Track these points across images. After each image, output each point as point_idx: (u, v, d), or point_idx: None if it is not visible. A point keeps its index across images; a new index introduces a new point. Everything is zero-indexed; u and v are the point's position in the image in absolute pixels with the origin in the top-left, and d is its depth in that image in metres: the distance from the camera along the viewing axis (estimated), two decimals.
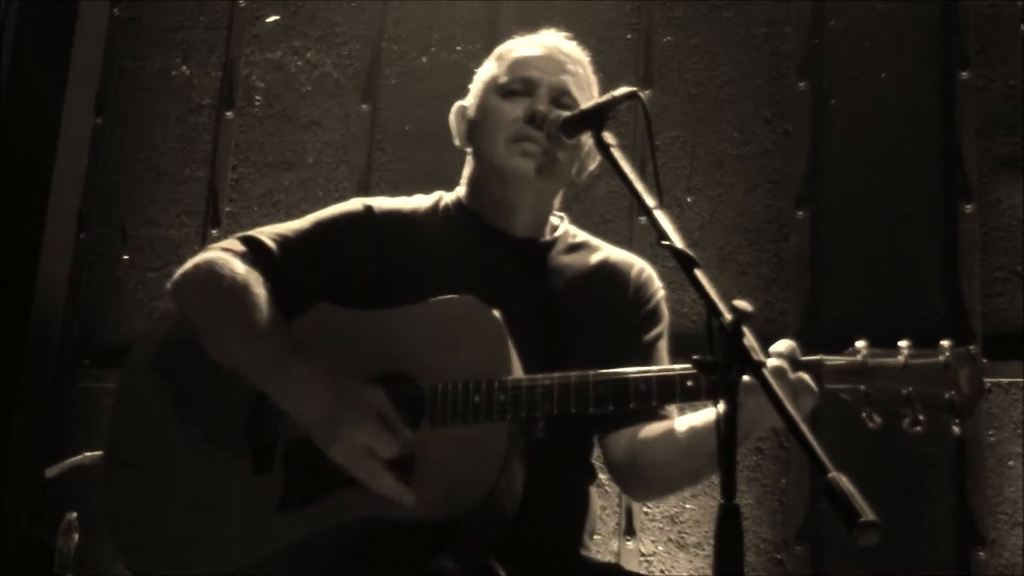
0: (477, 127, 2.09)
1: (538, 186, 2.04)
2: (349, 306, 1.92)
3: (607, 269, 2.11)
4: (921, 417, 1.72)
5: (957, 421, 1.73)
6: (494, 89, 2.08)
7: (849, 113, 3.17)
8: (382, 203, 2.08)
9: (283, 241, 1.98)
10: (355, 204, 2.07)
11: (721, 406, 1.40)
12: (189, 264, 1.95)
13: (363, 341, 1.87)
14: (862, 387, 1.73)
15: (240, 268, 1.90)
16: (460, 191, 2.15)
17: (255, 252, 1.95)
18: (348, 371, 1.82)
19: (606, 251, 2.15)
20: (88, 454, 2.69)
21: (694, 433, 1.90)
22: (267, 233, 1.99)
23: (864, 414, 1.73)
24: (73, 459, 2.73)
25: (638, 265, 2.14)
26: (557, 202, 2.15)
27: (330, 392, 1.76)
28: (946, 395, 1.72)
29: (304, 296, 1.94)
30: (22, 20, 3.83)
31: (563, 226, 2.15)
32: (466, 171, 2.15)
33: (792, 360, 1.73)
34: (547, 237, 2.11)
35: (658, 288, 2.13)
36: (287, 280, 1.93)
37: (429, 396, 1.79)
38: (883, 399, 1.73)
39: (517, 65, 2.08)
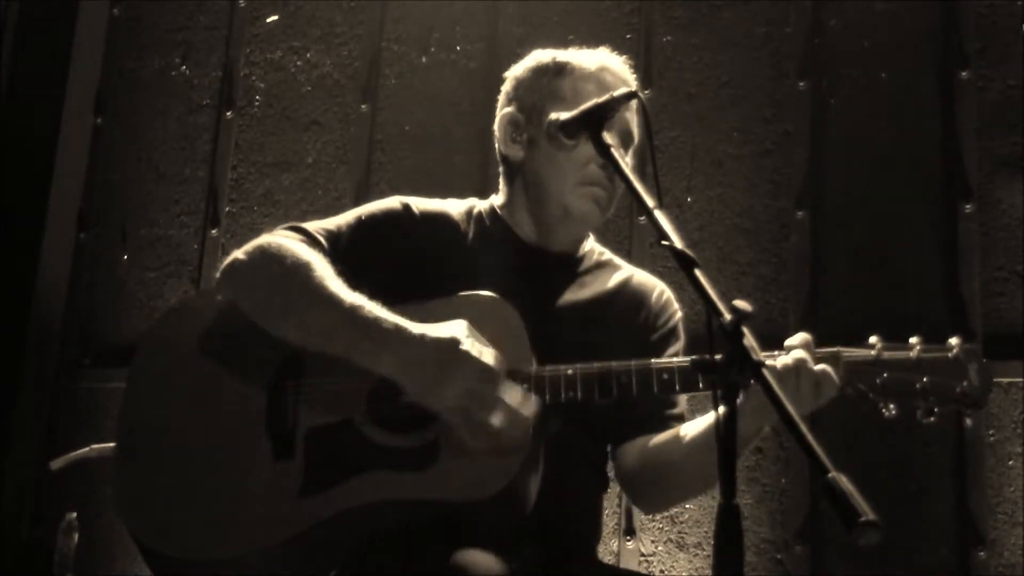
0: (542, 154, 2.06)
1: (595, 226, 2.12)
2: (379, 299, 1.92)
3: (629, 289, 2.13)
4: (935, 409, 1.81)
5: (969, 412, 1.81)
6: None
7: (849, 113, 3.17)
8: (419, 203, 2.10)
9: (329, 236, 1.99)
10: (394, 202, 2.09)
11: (722, 407, 1.40)
12: (239, 252, 1.96)
13: None
14: (878, 380, 1.80)
15: (301, 247, 1.93)
16: (496, 200, 2.16)
17: (309, 238, 1.98)
18: None
19: (629, 271, 2.18)
20: (95, 446, 2.69)
21: (702, 433, 1.92)
22: (312, 227, 2.01)
23: (880, 404, 1.81)
24: (79, 451, 2.72)
25: (659, 288, 2.17)
26: None
27: (431, 345, 1.77)
28: (957, 388, 1.81)
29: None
30: (22, 20, 3.83)
31: (590, 243, 2.19)
32: (507, 185, 2.14)
33: (810, 352, 1.79)
34: (578, 252, 2.15)
35: (676, 311, 2.16)
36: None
37: None
38: (898, 390, 1.81)
39: (592, 99, 1.95)
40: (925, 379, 1.80)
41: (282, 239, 1.95)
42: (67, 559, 2.76)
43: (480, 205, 2.15)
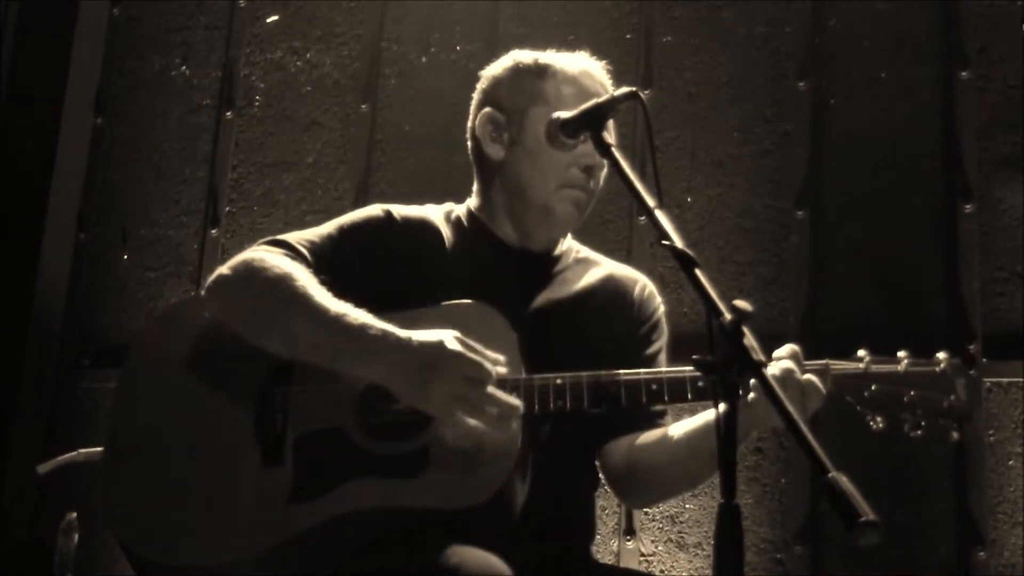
0: (523, 155, 2.06)
1: (573, 228, 2.12)
2: (364, 308, 1.92)
3: (611, 285, 2.14)
4: (922, 423, 1.82)
5: (956, 427, 1.81)
6: (545, 121, 1.98)
7: (849, 113, 3.17)
8: (401, 210, 2.09)
9: (311, 246, 1.99)
10: (376, 210, 2.08)
11: (722, 406, 1.40)
12: (222, 268, 1.95)
13: None
14: (866, 393, 1.81)
15: (283, 260, 1.92)
16: (472, 203, 2.16)
17: (291, 251, 1.97)
18: None
19: (609, 267, 2.19)
20: (83, 451, 2.69)
21: (693, 434, 1.93)
22: (294, 238, 2.00)
23: (868, 417, 1.82)
24: (66, 456, 2.73)
25: (640, 281, 2.17)
26: None
27: (417, 349, 1.76)
28: (945, 402, 1.82)
29: None
30: (22, 20, 3.84)
31: (567, 242, 2.18)
32: (483, 186, 2.14)
33: (798, 363, 1.79)
34: (556, 251, 2.15)
35: (659, 304, 2.17)
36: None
37: None
38: (886, 403, 1.82)
39: (572, 102, 1.98)
40: (913, 393, 1.81)
41: (264, 253, 1.94)
42: (67, 559, 2.76)
43: (458, 209, 2.15)
